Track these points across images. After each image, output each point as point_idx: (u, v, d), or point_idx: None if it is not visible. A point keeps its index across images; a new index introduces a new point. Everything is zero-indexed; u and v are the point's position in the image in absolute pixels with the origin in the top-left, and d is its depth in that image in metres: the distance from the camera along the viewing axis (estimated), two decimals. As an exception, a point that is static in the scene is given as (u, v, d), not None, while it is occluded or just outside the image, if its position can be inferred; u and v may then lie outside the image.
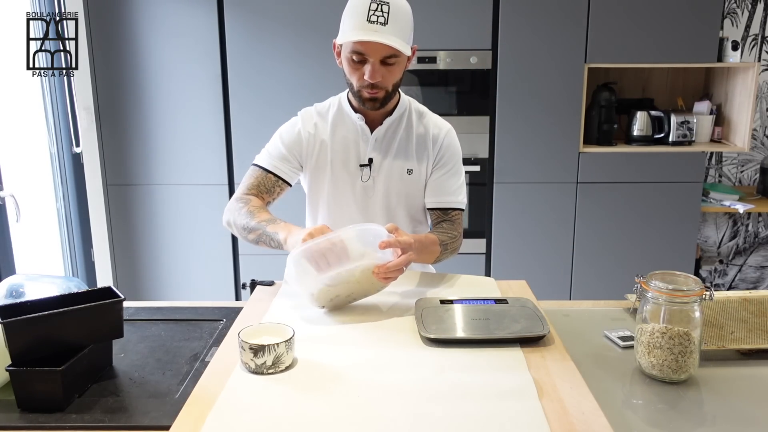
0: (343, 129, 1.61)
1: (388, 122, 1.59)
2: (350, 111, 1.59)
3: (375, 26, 1.40)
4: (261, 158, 1.64)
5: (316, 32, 2.82)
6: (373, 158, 1.60)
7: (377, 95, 1.49)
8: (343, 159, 1.61)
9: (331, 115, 1.62)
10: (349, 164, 1.61)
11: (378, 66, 1.44)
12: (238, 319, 1.36)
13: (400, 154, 1.61)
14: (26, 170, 2.73)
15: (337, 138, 1.61)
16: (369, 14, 1.40)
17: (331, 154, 1.60)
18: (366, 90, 1.48)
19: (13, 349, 1.03)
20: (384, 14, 1.40)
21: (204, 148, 2.94)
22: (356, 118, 1.58)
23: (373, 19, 1.40)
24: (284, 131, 1.65)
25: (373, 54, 1.43)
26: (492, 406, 0.99)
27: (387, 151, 1.60)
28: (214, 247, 3.03)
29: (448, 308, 1.33)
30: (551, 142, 2.94)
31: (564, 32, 2.85)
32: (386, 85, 1.48)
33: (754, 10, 3.24)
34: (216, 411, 0.99)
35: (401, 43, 1.42)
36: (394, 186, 1.62)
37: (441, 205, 1.64)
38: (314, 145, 1.61)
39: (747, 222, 3.51)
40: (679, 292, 1.13)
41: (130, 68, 2.87)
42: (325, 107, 1.64)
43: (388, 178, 1.61)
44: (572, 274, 3.09)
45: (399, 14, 1.42)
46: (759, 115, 3.35)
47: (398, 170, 1.61)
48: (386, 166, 1.60)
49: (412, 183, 1.62)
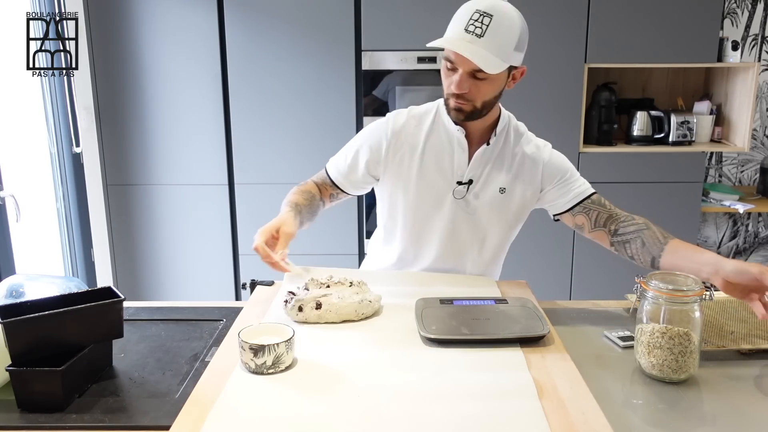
0: (438, 137, 1.54)
1: (493, 142, 1.52)
2: (449, 122, 1.51)
3: (470, 37, 1.33)
4: (332, 163, 1.62)
5: (317, 31, 2.82)
6: (473, 179, 1.53)
7: (463, 107, 1.42)
8: (436, 170, 1.53)
9: (428, 121, 1.55)
10: (441, 176, 1.54)
11: (466, 78, 1.37)
12: (238, 319, 1.36)
13: (495, 173, 1.54)
14: (26, 170, 2.73)
15: (430, 145, 1.54)
16: (468, 23, 1.33)
17: (420, 162, 1.54)
18: (453, 99, 1.42)
19: (13, 349, 1.03)
20: (483, 26, 1.32)
21: (204, 148, 2.94)
22: (455, 130, 1.50)
23: (470, 29, 1.33)
24: (366, 138, 1.58)
25: (461, 65, 1.36)
26: (492, 406, 0.99)
27: (485, 170, 1.54)
28: (214, 247, 3.03)
29: (448, 308, 1.33)
30: (551, 142, 2.92)
31: (564, 32, 2.85)
32: (473, 99, 1.40)
33: (754, 10, 3.24)
34: (216, 411, 0.99)
35: (491, 58, 1.33)
36: (486, 205, 1.55)
37: (575, 201, 1.56)
38: (401, 150, 1.55)
39: (747, 222, 3.51)
40: (679, 292, 1.13)
41: (130, 68, 2.87)
42: (421, 111, 1.58)
43: (482, 197, 1.55)
44: (572, 274, 3.09)
45: (501, 29, 1.34)
46: (759, 115, 3.35)
47: (492, 189, 1.55)
48: (481, 183, 1.54)
49: (504, 203, 1.56)
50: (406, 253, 1.63)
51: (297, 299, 1.32)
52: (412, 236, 1.60)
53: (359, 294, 1.35)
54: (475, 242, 1.59)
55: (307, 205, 1.53)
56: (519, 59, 1.43)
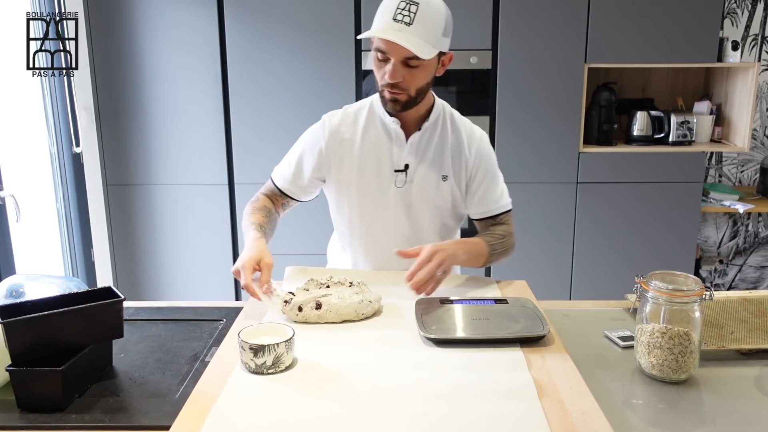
0: (374, 131, 1.57)
1: (425, 127, 1.55)
2: (384, 114, 1.55)
3: (399, 25, 1.35)
4: (276, 173, 1.64)
5: (317, 30, 2.82)
6: (409, 164, 1.56)
7: (398, 97, 1.45)
8: (375, 162, 1.56)
9: (363, 117, 1.58)
10: (381, 169, 1.57)
11: (399, 67, 1.40)
12: (238, 319, 1.36)
13: (435, 160, 1.57)
14: (26, 170, 2.73)
15: (367, 141, 1.57)
16: (396, 12, 1.36)
17: (360, 158, 1.56)
18: (387, 89, 1.45)
19: (13, 349, 1.03)
20: (411, 14, 1.35)
21: (204, 148, 2.94)
22: (391, 122, 1.54)
23: (399, 18, 1.35)
24: (304, 144, 1.61)
25: (394, 54, 1.39)
26: (492, 406, 0.99)
27: (422, 157, 1.56)
28: (214, 247, 3.03)
29: (448, 308, 1.33)
30: (551, 142, 2.95)
31: (564, 32, 2.85)
32: (408, 87, 1.43)
33: (754, 10, 3.24)
34: (216, 411, 0.99)
35: (422, 45, 1.36)
36: (430, 192, 1.58)
37: (489, 214, 1.62)
38: (339, 149, 1.57)
39: (747, 222, 3.51)
40: (679, 292, 1.13)
41: (130, 68, 2.87)
42: (355, 109, 1.60)
43: (424, 184, 1.57)
44: (572, 274, 3.09)
45: (428, 16, 1.37)
46: (759, 115, 3.35)
47: (434, 176, 1.57)
48: (422, 171, 1.56)
49: (447, 189, 1.59)
50: (358, 253, 1.66)
51: (296, 300, 1.32)
52: (361, 233, 1.63)
53: (359, 294, 1.35)
54: (423, 231, 1.60)
55: (268, 222, 1.56)
56: (447, 45, 1.46)
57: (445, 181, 1.58)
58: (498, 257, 1.59)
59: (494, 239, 1.58)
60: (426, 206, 1.59)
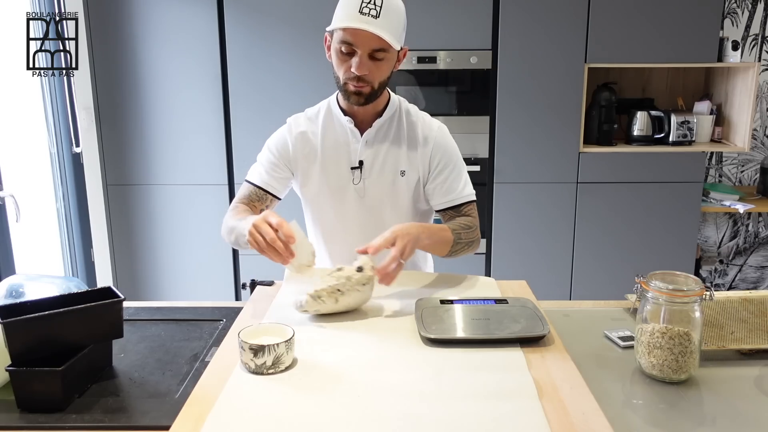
0: (333, 132, 1.60)
1: (379, 123, 1.57)
2: (339, 113, 1.58)
3: (367, 18, 1.39)
4: (252, 173, 1.65)
5: (317, 30, 2.82)
6: (364, 161, 1.58)
7: (363, 89, 1.47)
8: (335, 162, 1.59)
9: (321, 119, 1.61)
10: (340, 167, 1.59)
11: (366, 59, 1.43)
12: (238, 319, 1.36)
13: (391, 156, 1.59)
14: (26, 170, 2.73)
15: (327, 141, 1.60)
16: (362, 6, 1.39)
17: (321, 157, 1.60)
18: (352, 83, 1.46)
19: (13, 349, 1.03)
20: (377, 8, 1.39)
21: (204, 148, 2.94)
22: (345, 121, 1.57)
23: (365, 11, 1.39)
24: (273, 141, 1.65)
25: (361, 45, 1.42)
26: (492, 406, 0.99)
27: (378, 153, 1.59)
28: (214, 247, 3.03)
29: (448, 308, 1.33)
30: (551, 142, 2.94)
31: (564, 32, 2.85)
32: (372, 80, 1.46)
33: (754, 10, 3.24)
34: (216, 411, 0.99)
35: (391, 37, 1.41)
36: (387, 188, 1.60)
37: (451, 204, 1.62)
38: (304, 150, 1.60)
39: (747, 222, 3.51)
40: (679, 292, 1.13)
41: (130, 68, 2.87)
42: (314, 111, 1.63)
43: (380, 181, 1.59)
44: (572, 274, 3.09)
45: (391, 11, 1.42)
46: (759, 115, 3.35)
47: (391, 172, 1.59)
48: (378, 168, 1.59)
49: (406, 185, 1.60)
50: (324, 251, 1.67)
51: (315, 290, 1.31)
52: (325, 231, 1.65)
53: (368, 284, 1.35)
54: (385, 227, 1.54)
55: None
56: (403, 40, 1.50)
57: (403, 177, 1.60)
58: (463, 248, 1.57)
59: (459, 228, 1.58)
60: (385, 202, 1.61)
